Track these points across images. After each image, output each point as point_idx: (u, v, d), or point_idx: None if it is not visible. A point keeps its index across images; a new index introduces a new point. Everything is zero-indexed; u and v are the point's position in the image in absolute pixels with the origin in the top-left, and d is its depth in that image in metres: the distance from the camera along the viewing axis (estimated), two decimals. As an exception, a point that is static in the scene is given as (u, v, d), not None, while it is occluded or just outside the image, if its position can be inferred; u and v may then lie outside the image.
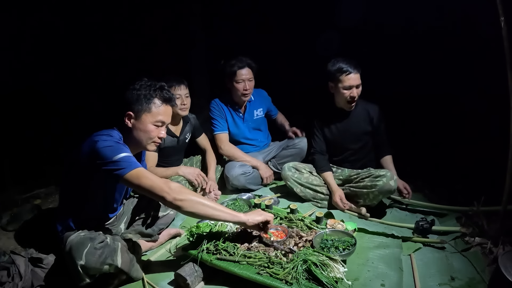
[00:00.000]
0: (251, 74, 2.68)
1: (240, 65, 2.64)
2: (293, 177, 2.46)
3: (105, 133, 1.54)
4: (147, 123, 1.59)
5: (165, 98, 1.63)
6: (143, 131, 1.60)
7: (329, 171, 2.46)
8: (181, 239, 2.03)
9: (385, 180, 2.14)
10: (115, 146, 1.46)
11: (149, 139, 1.62)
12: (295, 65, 3.53)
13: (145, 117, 1.59)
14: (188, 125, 2.64)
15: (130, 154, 1.48)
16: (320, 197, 2.44)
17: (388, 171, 2.20)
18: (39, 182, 2.82)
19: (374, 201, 2.23)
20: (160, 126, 1.63)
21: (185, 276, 1.58)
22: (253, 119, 2.90)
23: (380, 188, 2.14)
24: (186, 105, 2.44)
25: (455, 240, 1.93)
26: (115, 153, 1.43)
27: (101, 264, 1.46)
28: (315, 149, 2.52)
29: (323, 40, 3.20)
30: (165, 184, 1.44)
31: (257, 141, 2.95)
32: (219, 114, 2.79)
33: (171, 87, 2.37)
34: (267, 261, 1.58)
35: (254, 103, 2.89)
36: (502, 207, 1.83)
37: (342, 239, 1.73)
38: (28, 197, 2.66)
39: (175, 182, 1.52)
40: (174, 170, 2.45)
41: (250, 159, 2.75)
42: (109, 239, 1.55)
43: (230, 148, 2.77)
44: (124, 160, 1.43)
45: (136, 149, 1.67)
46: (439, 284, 1.61)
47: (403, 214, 2.31)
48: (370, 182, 2.20)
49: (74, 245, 1.46)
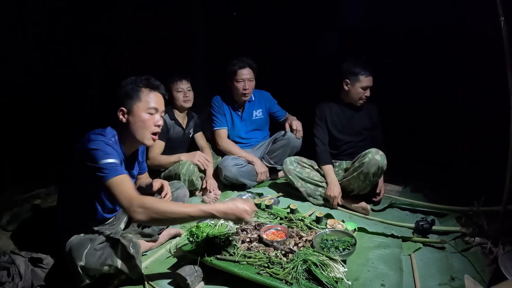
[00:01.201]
0: (251, 74, 2.72)
1: (241, 64, 2.68)
2: (295, 171, 2.48)
3: (98, 132, 1.54)
4: (140, 113, 1.59)
5: (152, 86, 1.63)
6: (138, 122, 1.59)
7: (330, 164, 2.50)
8: (181, 239, 2.03)
9: (371, 155, 2.19)
10: (103, 150, 1.44)
11: (146, 130, 1.61)
12: (295, 64, 3.53)
13: (137, 108, 1.59)
14: (192, 121, 2.76)
15: (116, 160, 1.45)
16: (320, 192, 2.45)
17: (373, 148, 2.24)
18: (39, 182, 2.82)
19: (366, 182, 2.25)
20: (154, 113, 1.63)
21: (185, 276, 1.57)
22: (252, 119, 2.93)
23: (367, 164, 2.18)
24: (188, 97, 2.57)
25: (455, 240, 1.93)
26: (102, 157, 1.43)
27: (101, 265, 1.46)
28: (319, 140, 2.56)
29: (325, 39, 3.21)
30: (132, 200, 1.36)
31: (252, 140, 2.98)
32: (219, 111, 2.84)
33: (173, 82, 2.54)
34: (267, 261, 1.58)
35: (254, 103, 2.92)
36: (502, 207, 1.83)
37: (342, 239, 1.73)
38: (28, 197, 2.66)
39: (146, 200, 1.38)
40: (177, 156, 2.51)
41: (246, 155, 2.79)
42: (109, 240, 1.55)
43: (228, 144, 2.82)
44: (107, 167, 1.41)
45: (133, 144, 1.68)
46: (439, 284, 1.61)
47: (403, 214, 2.31)
48: (358, 163, 2.27)
49: (74, 246, 1.46)
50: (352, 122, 2.55)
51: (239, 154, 2.77)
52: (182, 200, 2.13)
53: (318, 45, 3.24)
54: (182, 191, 2.14)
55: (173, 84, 2.54)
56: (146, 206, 1.35)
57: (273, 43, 3.59)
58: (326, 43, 3.18)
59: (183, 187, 2.16)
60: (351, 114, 2.55)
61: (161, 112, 1.67)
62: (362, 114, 2.56)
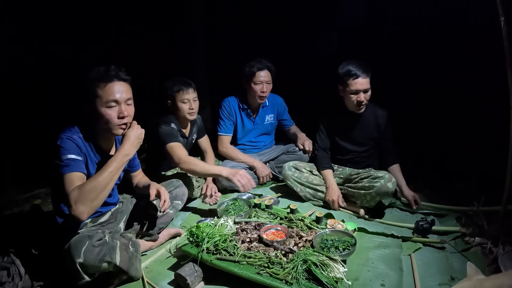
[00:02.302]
0: (269, 76, 2.68)
1: (259, 66, 2.64)
2: (293, 176, 2.46)
3: (66, 130, 1.56)
4: (100, 109, 1.54)
5: (108, 76, 1.55)
6: (101, 119, 1.56)
7: (330, 169, 2.46)
8: (181, 239, 2.03)
9: (383, 181, 2.13)
10: (64, 146, 1.49)
11: (110, 124, 1.57)
12: (296, 64, 3.53)
13: (97, 104, 1.54)
14: (195, 126, 2.64)
15: (76, 156, 1.50)
16: (319, 196, 2.44)
17: (387, 173, 2.19)
18: (39, 182, 2.82)
19: (372, 202, 2.23)
20: (115, 106, 1.56)
21: (185, 276, 1.58)
22: (264, 124, 2.92)
23: (377, 190, 2.14)
24: (194, 110, 2.39)
25: (455, 240, 1.93)
26: (63, 153, 1.48)
27: (100, 261, 1.45)
28: (319, 145, 2.53)
29: (326, 39, 3.21)
30: (74, 200, 1.40)
31: (260, 144, 2.97)
32: (228, 116, 2.80)
33: (178, 91, 2.31)
34: (267, 261, 1.58)
35: (268, 108, 2.90)
36: (502, 207, 1.83)
37: (342, 239, 1.73)
38: (28, 197, 2.66)
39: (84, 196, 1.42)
40: (219, 170, 2.20)
41: (247, 160, 2.76)
42: (108, 237, 1.54)
43: (228, 150, 2.80)
44: (65, 162, 1.47)
45: (108, 137, 1.69)
46: (439, 284, 1.61)
47: (403, 214, 2.31)
48: (368, 183, 2.20)
49: (72, 243, 1.45)
50: (354, 132, 2.41)
51: (239, 159, 2.75)
52: (181, 198, 2.13)
53: (318, 45, 3.24)
54: (181, 190, 2.14)
55: (177, 93, 2.31)
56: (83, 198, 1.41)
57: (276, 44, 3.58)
58: (328, 42, 3.17)
59: (182, 186, 2.16)
60: (353, 123, 2.40)
61: (126, 101, 1.59)
62: (367, 123, 2.39)
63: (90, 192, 1.42)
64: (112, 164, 1.51)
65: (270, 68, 2.68)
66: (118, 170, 1.54)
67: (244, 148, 2.93)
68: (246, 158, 2.77)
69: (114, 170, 1.51)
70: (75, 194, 1.41)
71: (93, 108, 1.55)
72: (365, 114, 2.38)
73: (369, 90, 2.26)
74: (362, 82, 2.21)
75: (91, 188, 1.43)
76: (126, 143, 1.58)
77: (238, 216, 1.97)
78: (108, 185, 1.48)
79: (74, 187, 1.43)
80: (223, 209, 2.12)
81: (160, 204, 1.79)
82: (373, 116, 2.39)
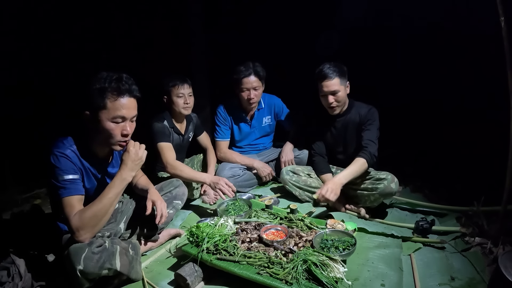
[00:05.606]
0: (257, 82, 2.59)
1: (245, 73, 2.56)
2: (291, 180, 2.46)
3: (58, 143, 1.49)
4: (104, 121, 1.45)
5: (120, 90, 1.45)
6: (103, 131, 1.47)
7: (329, 173, 2.45)
8: (181, 239, 2.04)
9: (386, 183, 2.13)
10: (60, 167, 1.45)
11: (111, 139, 1.50)
12: (294, 64, 3.53)
13: (101, 115, 1.45)
14: (191, 124, 2.65)
15: (74, 175, 1.47)
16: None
17: (389, 174, 2.18)
18: (39, 182, 2.82)
19: (375, 203, 2.23)
20: (121, 122, 1.48)
21: (185, 276, 1.58)
22: (261, 126, 2.89)
23: (381, 191, 2.14)
24: (189, 104, 2.42)
25: (455, 240, 1.93)
26: (60, 175, 1.45)
27: (100, 268, 1.44)
28: (315, 151, 2.51)
29: (323, 40, 3.20)
30: (75, 227, 1.42)
31: (260, 145, 2.97)
32: (223, 122, 2.79)
33: (174, 86, 2.37)
34: (267, 261, 1.58)
35: (264, 110, 2.86)
36: (502, 207, 1.83)
37: (342, 239, 1.73)
38: (28, 197, 2.66)
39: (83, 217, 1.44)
40: (202, 178, 2.27)
41: (247, 161, 2.76)
42: (108, 243, 1.52)
43: (226, 154, 2.79)
44: (63, 185, 1.45)
45: (104, 148, 1.62)
46: (439, 284, 1.61)
47: (403, 214, 2.31)
48: (370, 185, 2.19)
49: (72, 249, 1.43)
50: (340, 134, 2.41)
51: (238, 162, 2.75)
52: (181, 198, 2.12)
53: (318, 46, 3.24)
54: (181, 190, 2.13)
55: (173, 87, 2.37)
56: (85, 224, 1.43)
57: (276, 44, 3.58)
58: (324, 43, 3.17)
59: (182, 185, 2.15)
60: (337, 126, 2.40)
61: (131, 118, 1.52)
62: (352, 123, 2.35)
63: (91, 220, 1.43)
64: (111, 191, 1.49)
65: (257, 73, 2.57)
66: (117, 196, 1.51)
67: (243, 151, 2.93)
68: (245, 160, 2.77)
69: (113, 196, 1.49)
70: (76, 222, 1.41)
71: (95, 117, 1.46)
72: (349, 115, 2.37)
73: (337, 92, 2.22)
74: (328, 84, 2.20)
75: (91, 216, 1.43)
76: (123, 169, 1.52)
77: (238, 216, 1.97)
78: (108, 210, 1.48)
79: (75, 214, 1.43)
80: (223, 209, 2.12)
81: (156, 221, 1.76)
82: (357, 115, 2.35)
